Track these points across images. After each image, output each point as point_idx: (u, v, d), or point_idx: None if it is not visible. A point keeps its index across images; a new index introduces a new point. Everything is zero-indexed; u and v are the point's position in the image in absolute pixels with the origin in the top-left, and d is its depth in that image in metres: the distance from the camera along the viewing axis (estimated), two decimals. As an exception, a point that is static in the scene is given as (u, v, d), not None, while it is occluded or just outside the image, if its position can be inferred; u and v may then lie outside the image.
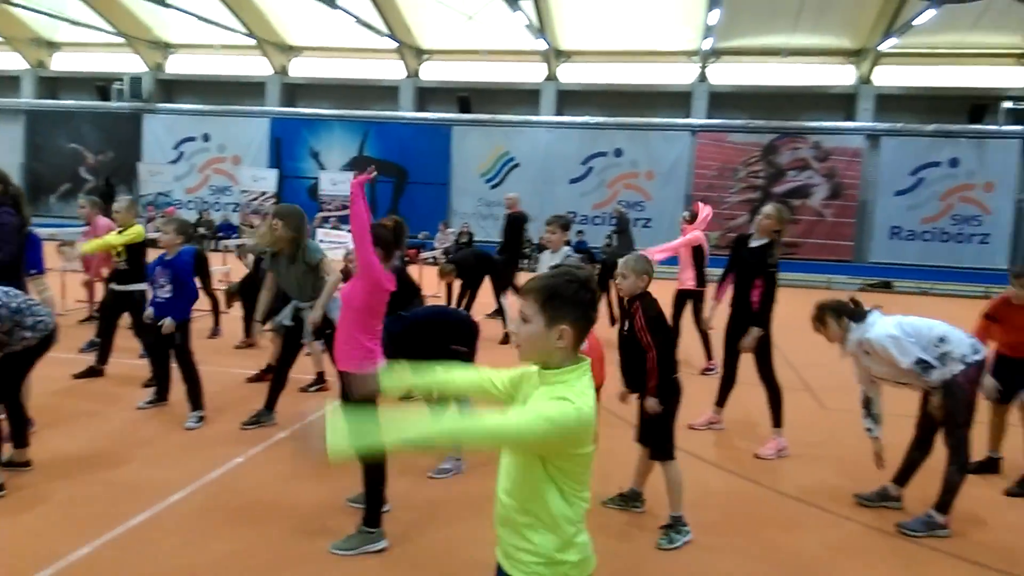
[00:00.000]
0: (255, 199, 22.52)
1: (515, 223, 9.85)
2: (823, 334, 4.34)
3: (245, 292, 7.89)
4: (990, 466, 5.13)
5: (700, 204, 8.00)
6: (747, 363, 5.57)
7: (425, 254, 15.53)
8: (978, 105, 19.90)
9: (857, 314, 4.23)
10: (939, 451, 4.28)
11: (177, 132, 23.89)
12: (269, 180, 22.66)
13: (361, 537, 3.68)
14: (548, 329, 1.81)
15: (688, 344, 7.88)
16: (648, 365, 3.87)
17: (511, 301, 8.65)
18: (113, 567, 3.44)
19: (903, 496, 4.49)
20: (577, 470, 1.82)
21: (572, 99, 22.25)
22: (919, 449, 4.45)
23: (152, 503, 4.07)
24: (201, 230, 20.48)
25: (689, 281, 7.99)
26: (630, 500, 4.27)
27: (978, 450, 5.07)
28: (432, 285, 11.05)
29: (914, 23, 16.71)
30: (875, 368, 4.18)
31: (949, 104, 20.13)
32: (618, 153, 21.61)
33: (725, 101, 21.37)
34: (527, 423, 1.74)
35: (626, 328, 3.98)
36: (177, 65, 24.60)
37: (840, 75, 21.12)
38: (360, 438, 1.74)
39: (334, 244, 18.20)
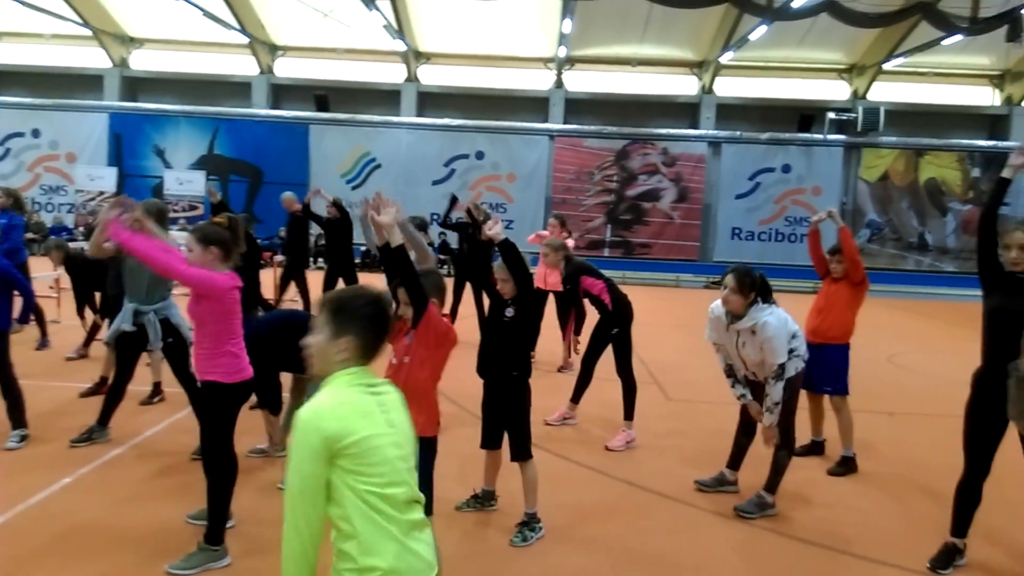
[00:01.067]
0: (92, 199, 20.93)
1: (297, 223, 10.06)
2: (729, 298, 4.26)
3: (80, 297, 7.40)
4: (815, 449, 5.58)
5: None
6: (604, 359, 5.79)
7: (281, 257, 15.00)
8: (806, 116, 21.66)
9: (767, 296, 4.32)
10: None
11: (2, 127, 21.81)
12: (107, 179, 21.12)
13: (203, 555, 3.51)
14: (333, 340, 1.88)
15: (547, 344, 8.06)
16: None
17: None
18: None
19: (738, 480, 4.80)
20: (363, 467, 1.78)
21: (433, 101, 22.24)
22: (745, 434, 4.76)
23: (-38, 534, 3.69)
24: (29, 234, 18.78)
25: (549, 281, 8.16)
26: (484, 500, 4.32)
27: (805, 435, 5.54)
28: (289, 289, 10.68)
29: (749, 37, 17.94)
30: (747, 349, 4.32)
31: (781, 114, 21.79)
32: (480, 155, 21.81)
33: (581, 107, 22.07)
34: (292, 488, 1.80)
35: (509, 315, 3.93)
36: (3, 55, 22.45)
37: (685, 85, 22.35)
38: None
39: (180, 245, 17.27)
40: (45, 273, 9.38)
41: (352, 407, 1.83)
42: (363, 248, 12.64)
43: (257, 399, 4.83)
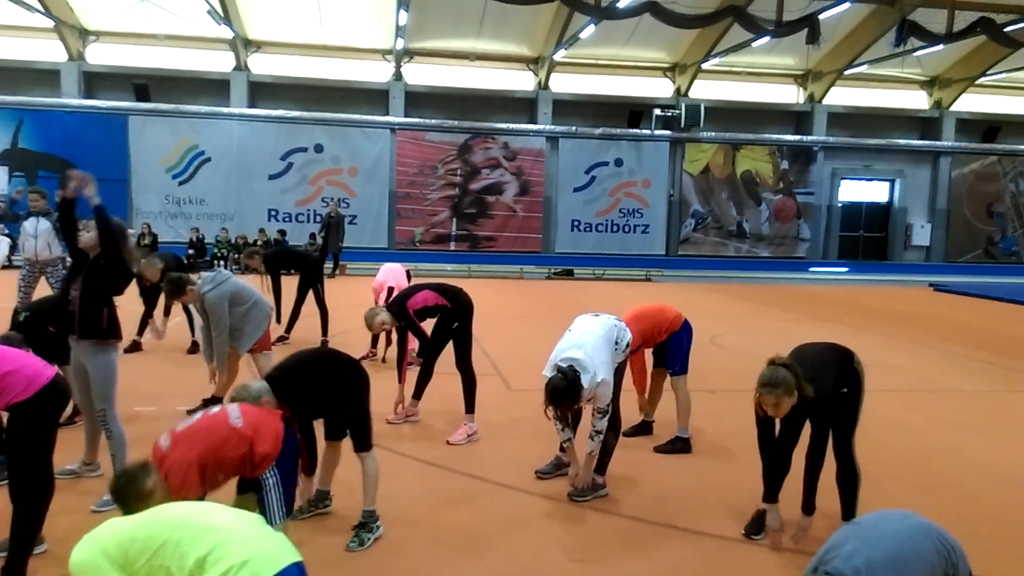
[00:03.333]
0: None
1: None
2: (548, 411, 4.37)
3: None
4: (644, 429, 5.93)
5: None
6: (445, 353, 5.84)
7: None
8: (635, 112, 22.82)
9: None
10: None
11: None
12: None
13: (6, 589, 3.22)
14: None
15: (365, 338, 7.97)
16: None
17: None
18: None
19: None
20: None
21: (265, 91, 21.36)
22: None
23: None
24: None
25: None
26: (318, 503, 4.24)
27: (635, 416, 5.87)
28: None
29: (580, 36, 18.62)
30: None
31: (612, 110, 22.81)
32: (319, 149, 21.22)
33: (421, 101, 22.00)
34: None
35: None
36: None
37: (522, 80, 22.84)
38: None
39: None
40: None
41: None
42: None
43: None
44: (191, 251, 18.26)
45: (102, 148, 19.91)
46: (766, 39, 18.16)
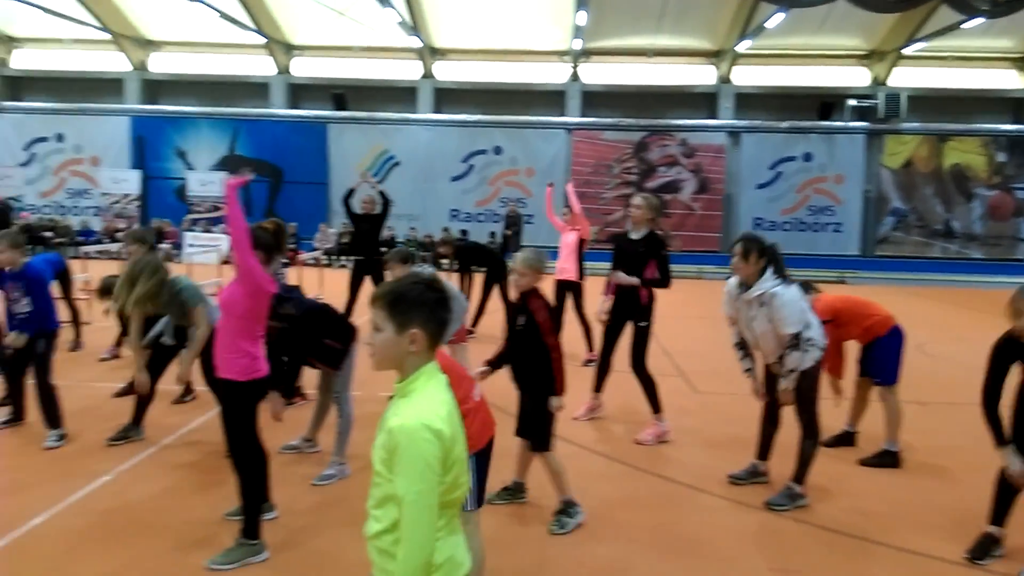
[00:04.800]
0: (116, 202, 21.21)
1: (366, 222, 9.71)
2: (738, 265, 4.30)
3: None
4: (845, 439, 5.54)
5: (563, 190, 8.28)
6: (625, 351, 5.78)
7: (305, 255, 15.15)
8: (826, 103, 21.44)
9: (779, 268, 4.30)
10: (796, 427, 4.59)
11: (27, 132, 22.15)
12: (131, 182, 21.39)
13: (241, 550, 3.57)
14: (399, 335, 1.81)
15: (569, 335, 8.06)
16: (554, 366, 3.88)
17: None
18: (-36, 604, 3.18)
19: (770, 471, 4.79)
20: (448, 480, 1.78)
21: (449, 97, 22.26)
22: (770, 423, 4.75)
23: (8, 531, 3.78)
24: (48, 234, 19.08)
25: (570, 273, 8.16)
26: (515, 493, 4.35)
27: (837, 424, 5.51)
28: (313, 286, 10.76)
29: (766, 25, 17.78)
30: (757, 322, 4.32)
31: (801, 102, 21.58)
32: (498, 151, 21.82)
33: (597, 100, 22.00)
34: (418, 515, 1.70)
35: (521, 323, 3.96)
36: (24, 60, 22.77)
37: (702, 75, 22.19)
38: None
39: (205, 247, 17.45)
40: (79, 275, 9.50)
41: (452, 408, 1.80)
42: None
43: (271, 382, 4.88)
44: (383, 249, 19.36)
45: (305, 154, 21.65)
46: (979, 20, 16.42)
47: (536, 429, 4.05)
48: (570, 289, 8.16)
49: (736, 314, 4.49)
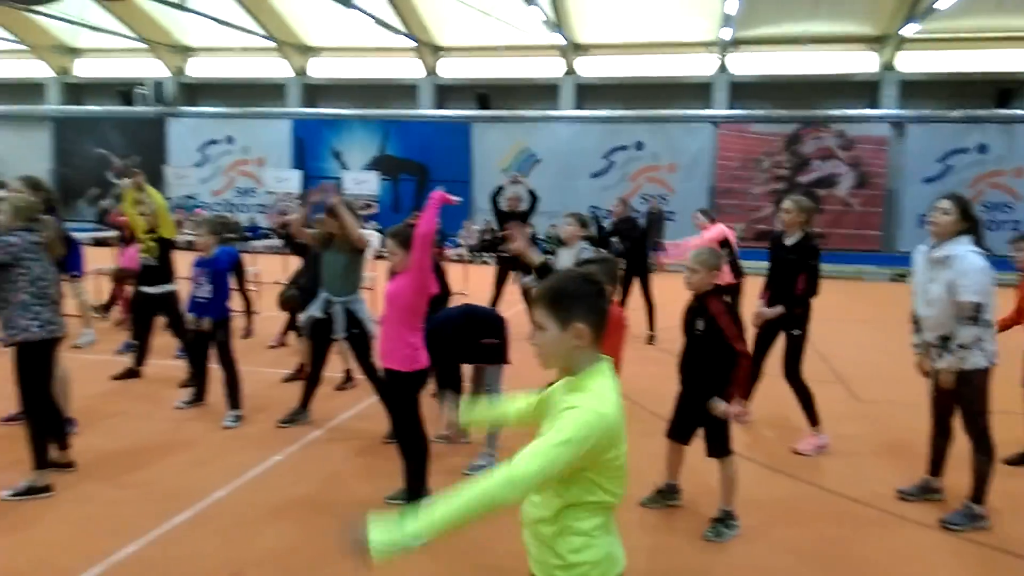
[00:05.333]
0: (280, 200, 22.68)
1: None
2: (937, 220, 4.03)
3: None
4: (1033, 456, 5.05)
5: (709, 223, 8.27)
6: (777, 357, 5.52)
7: (450, 251, 15.59)
8: (1005, 90, 19.56)
9: (978, 238, 4.02)
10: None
11: (201, 135, 24.12)
12: (293, 181, 22.82)
13: (403, 533, 3.71)
14: (563, 331, 1.81)
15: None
16: (740, 372, 3.75)
17: None
18: (159, 565, 3.50)
19: (944, 487, 4.43)
20: (608, 475, 1.80)
21: (591, 93, 22.17)
22: (941, 436, 4.38)
23: (194, 502, 4.13)
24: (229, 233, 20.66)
25: (724, 275, 7.90)
26: (667, 496, 4.25)
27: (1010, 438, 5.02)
28: (458, 282, 11.05)
29: (936, 7, 16.44)
30: (934, 285, 4.02)
31: (975, 89, 19.80)
32: (639, 146, 21.51)
33: (746, 91, 21.18)
34: (547, 459, 1.69)
35: (700, 328, 3.85)
36: (198, 68, 24.83)
37: (862, 62, 20.84)
38: (399, 533, 1.65)
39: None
40: (249, 268, 10.25)
41: (622, 410, 1.81)
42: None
43: (438, 387, 5.04)
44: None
45: (450, 153, 22.27)
46: None
47: (715, 434, 3.93)
48: (727, 292, 7.87)
49: (918, 278, 4.18)
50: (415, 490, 3.75)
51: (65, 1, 16.55)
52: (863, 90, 20.75)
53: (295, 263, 7.46)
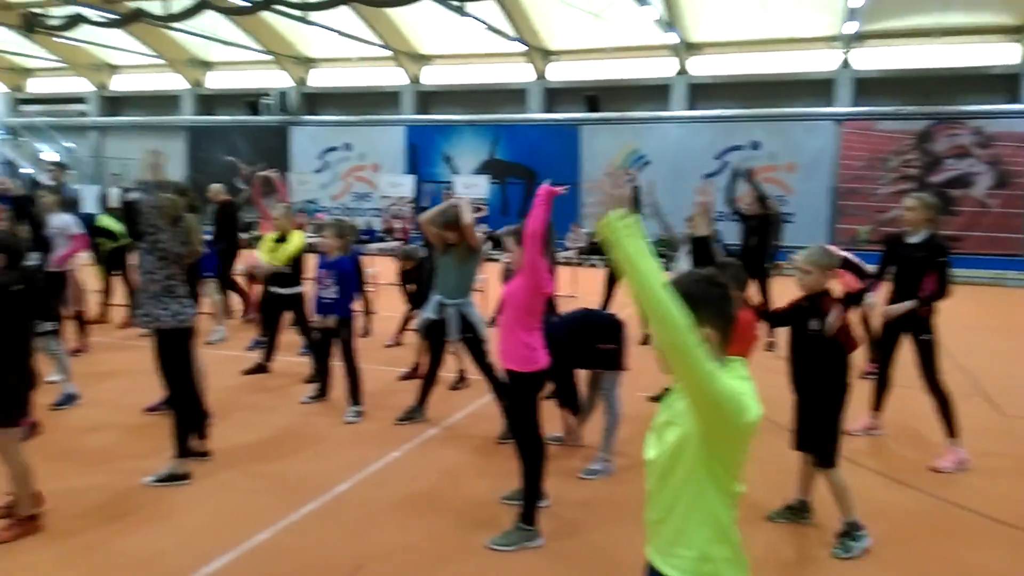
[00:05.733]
0: (394, 204, 23.37)
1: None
2: None
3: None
4: None
5: None
6: (906, 366, 5.18)
7: (559, 254, 15.57)
8: None
9: None
10: None
11: (321, 142, 25.17)
12: (406, 186, 23.40)
13: (519, 534, 3.72)
14: None
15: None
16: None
17: None
18: (289, 553, 3.64)
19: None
20: (732, 455, 1.77)
21: (704, 92, 21.64)
22: None
23: (320, 493, 4.28)
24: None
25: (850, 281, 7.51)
26: (798, 512, 4.06)
27: None
28: (567, 286, 11.03)
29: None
30: None
31: None
32: (755, 146, 20.80)
33: (871, 87, 20.10)
34: (699, 355, 1.63)
35: (815, 327, 3.71)
36: (319, 79, 25.93)
37: (1002, 54, 19.36)
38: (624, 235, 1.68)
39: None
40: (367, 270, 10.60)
41: (757, 409, 1.78)
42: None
43: (555, 395, 5.03)
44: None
45: (558, 157, 22.27)
46: None
47: (820, 443, 3.77)
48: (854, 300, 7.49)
49: None
50: (531, 492, 3.75)
51: (200, 17, 17.64)
52: (1002, 84, 19.27)
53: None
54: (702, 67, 21.84)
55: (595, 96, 22.06)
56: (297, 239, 6.61)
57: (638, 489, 1.98)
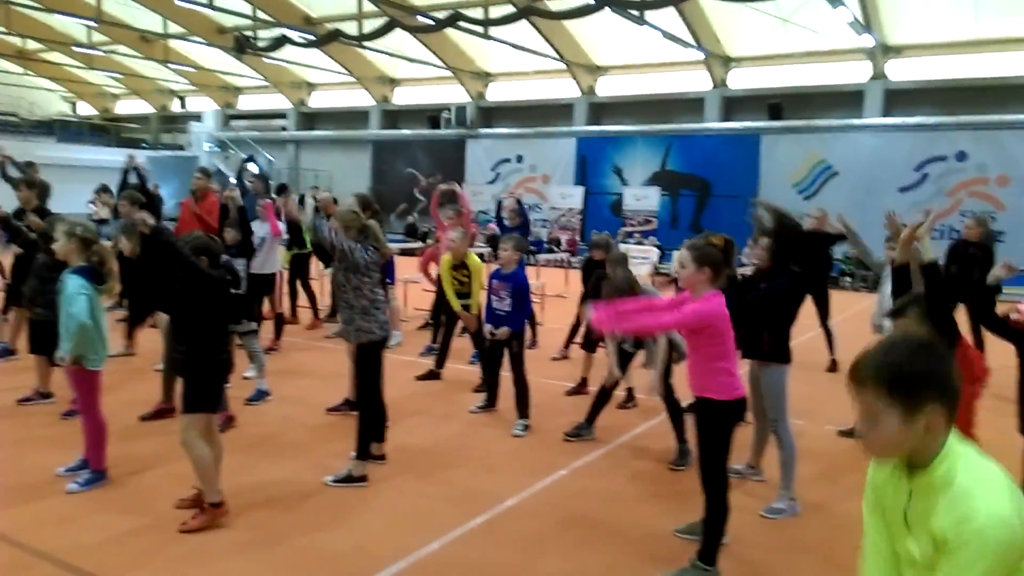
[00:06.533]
0: (563, 215, 23.50)
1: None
2: None
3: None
4: None
5: None
6: None
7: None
8: None
9: None
10: None
11: (495, 154, 25.81)
12: (576, 197, 23.51)
13: (696, 573, 3.47)
14: (909, 422, 1.44)
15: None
16: None
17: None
18: (460, 566, 3.63)
19: None
20: None
21: (902, 99, 19.93)
22: None
23: (488, 507, 4.25)
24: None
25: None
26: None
27: None
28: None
29: None
30: None
31: None
32: (960, 157, 18.87)
33: (1107, 89, 17.65)
34: None
35: None
36: (496, 93, 26.62)
37: None
38: None
39: (637, 259, 18.30)
40: (533, 282, 10.65)
41: (1012, 486, 1.45)
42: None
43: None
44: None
45: (735, 167, 21.39)
46: None
47: None
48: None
49: None
50: (714, 529, 3.48)
51: (389, 36, 18.64)
52: None
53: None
54: (900, 71, 20.18)
55: (778, 103, 21.00)
56: (477, 271, 6.61)
57: (824, 534, 1.71)
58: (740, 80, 22.34)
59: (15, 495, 4.21)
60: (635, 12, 15.54)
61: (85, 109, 36.34)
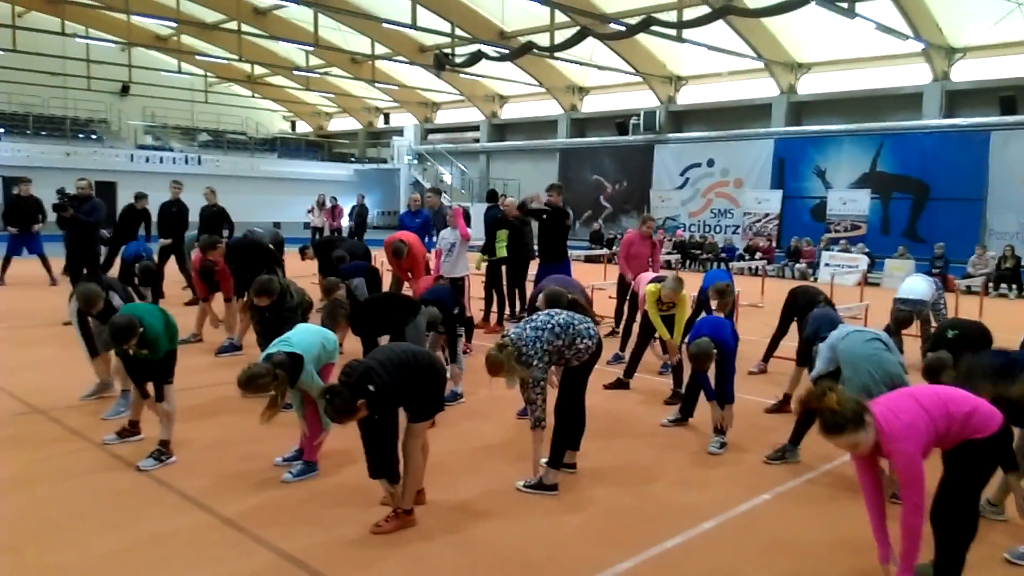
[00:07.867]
0: (758, 221, 22.40)
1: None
2: None
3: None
4: None
5: None
6: None
7: (958, 281, 13.46)
8: None
9: None
10: None
11: (683, 159, 25.14)
12: (772, 201, 22.34)
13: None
14: None
15: None
16: None
17: None
18: (653, 589, 3.44)
19: None
20: None
21: None
22: None
23: (684, 527, 4.03)
24: (696, 251, 21.15)
25: None
26: None
27: None
28: (970, 315, 9.32)
29: None
30: None
31: None
32: None
33: None
34: None
35: None
36: (687, 96, 25.93)
37: None
38: None
39: (844, 267, 16.99)
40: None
41: None
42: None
43: None
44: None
45: (959, 167, 19.30)
46: None
47: None
48: None
49: None
50: (951, 573, 3.05)
51: (579, 45, 18.68)
52: None
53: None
54: None
55: (1012, 97, 18.74)
56: (683, 315, 6.57)
57: None
58: (966, 72, 20.16)
59: (239, 482, 4.55)
60: (844, 4, 14.44)
61: (302, 127, 39.90)
